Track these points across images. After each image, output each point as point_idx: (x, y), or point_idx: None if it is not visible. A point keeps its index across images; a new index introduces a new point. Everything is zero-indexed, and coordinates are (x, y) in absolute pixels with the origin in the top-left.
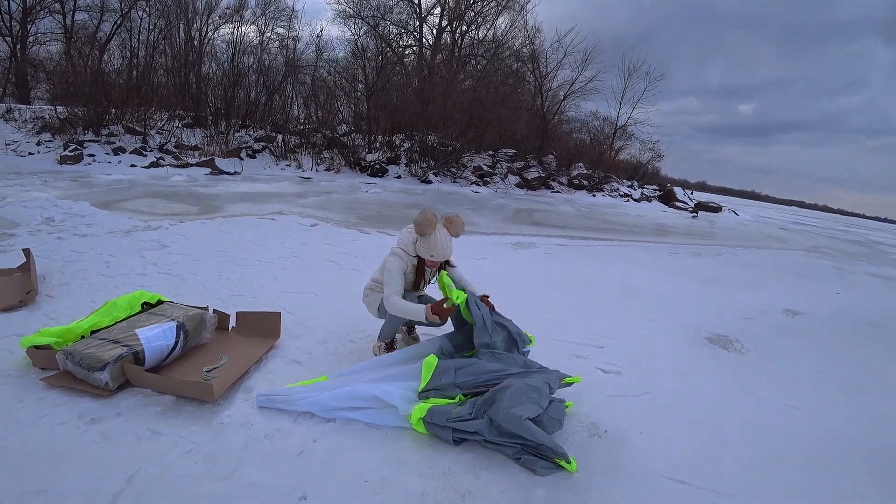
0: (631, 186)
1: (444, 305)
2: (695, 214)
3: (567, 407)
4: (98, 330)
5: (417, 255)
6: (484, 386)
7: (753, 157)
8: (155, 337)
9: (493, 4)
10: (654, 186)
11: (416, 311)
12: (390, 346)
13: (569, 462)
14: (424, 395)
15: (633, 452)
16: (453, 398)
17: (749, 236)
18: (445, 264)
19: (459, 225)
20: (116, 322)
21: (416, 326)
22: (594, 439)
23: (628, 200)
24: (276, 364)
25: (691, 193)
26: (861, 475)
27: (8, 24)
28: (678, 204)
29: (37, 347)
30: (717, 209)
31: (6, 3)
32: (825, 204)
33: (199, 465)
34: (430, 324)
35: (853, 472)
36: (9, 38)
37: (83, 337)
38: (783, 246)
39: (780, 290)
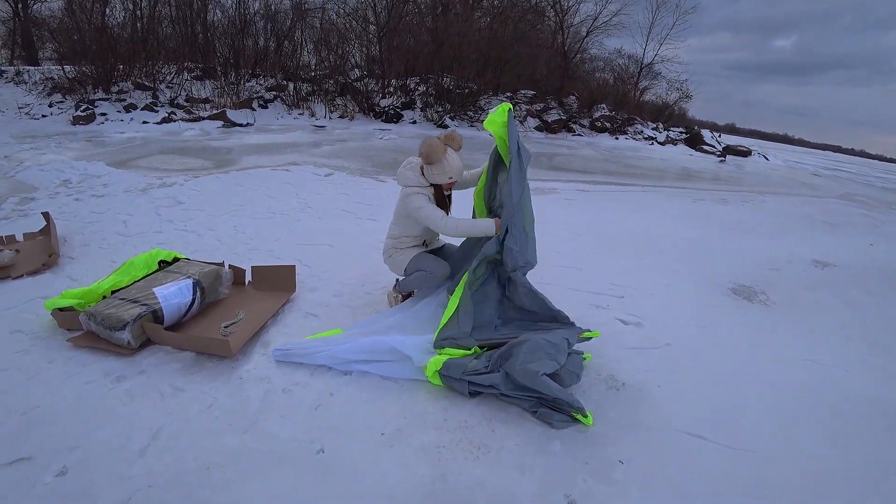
0: (656, 129)
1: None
2: (722, 159)
3: (585, 359)
4: (118, 290)
5: (432, 185)
6: (501, 339)
7: (788, 98)
8: (172, 294)
9: None
10: (681, 129)
11: (487, 224)
12: (407, 297)
13: (585, 416)
14: (440, 343)
15: (651, 406)
16: (469, 349)
17: (779, 182)
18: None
19: (459, 139)
20: (135, 281)
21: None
22: (612, 392)
23: (653, 143)
24: (292, 317)
25: (719, 136)
26: (883, 435)
27: None
28: (705, 147)
29: (60, 310)
30: (746, 153)
31: None
32: (863, 149)
33: (220, 419)
34: (497, 237)
35: (874, 432)
36: None
37: (104, 297)
38: (814, 193)
39: (810, 239)
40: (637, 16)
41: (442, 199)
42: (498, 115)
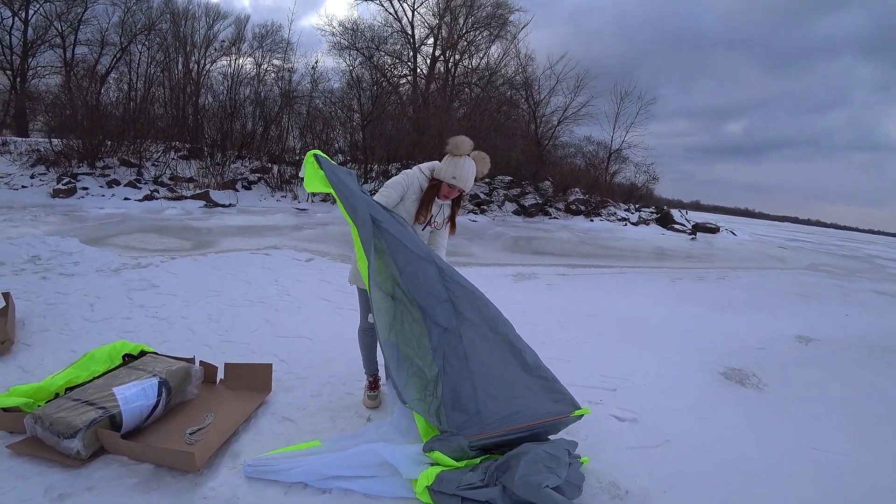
0: (628, 210)
1: None
2: (693, 236)
3: (582, 463)
4: (73, 387)
5: (432, 179)
6: (493, 435)
7: (745, 176)
8: (134, 396)
9: (485, 34)
10: (651, 209)
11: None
12: (374, 384)
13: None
14: (429, 446)
15: None
16: (460, 458)
17: (749, 257)
18: (454, 206)
19: (486, 165)
20: (94, 378)
21: (380, 383)
22: (615, 502)
23: (626, 224)
24: (266, 422)
25: (687, 214)
26: None
27: (9, 58)
28: (676, 226)
29: (4, 409)
30: (714, 230)
31: (8, 37)
32: (818, 219)
33: None
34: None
35: None
36: (9, 72)
37: (57, 395)
38: (784, 266)
39: (789, 313)
40: (603, 106)
41: (428, 199)
42: (309, 170)
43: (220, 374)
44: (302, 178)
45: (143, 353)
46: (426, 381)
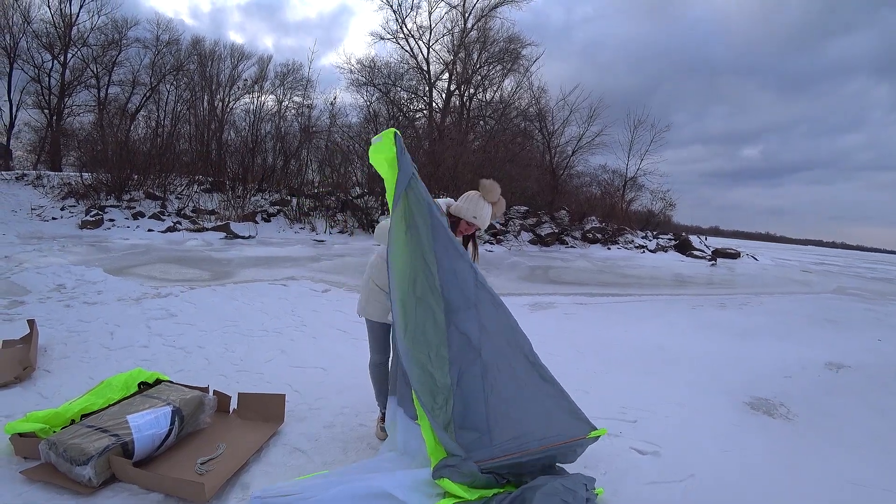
0: (645, 237)
1: None
2: (713, 262)
3: (597, 494)
4: (89, 414)
5: (449, 216)
6: (502, 457)
7: (765, 200)
8: (147, 425)
9: (498, 68)
10: (669, 235)
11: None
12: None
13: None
14: (438, 474)
15: None
16: (472, 484)
17: (772, 282)
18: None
19: (502, 207)
20: (109, 405)
21: None
22: None
23: (644, 252)
24: (277, 454)
25: (706, 240)
26: None
27: (47, 98)
28: (695, 252)
29: (21, 434)
30: (735, 255)
31: (47, 79)
32: (843, 241)
33: None
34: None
35: None
36: (47, 111)
37: (72, 422)
38: (809, 290)
39: (816, 339)
40: (617, 135)
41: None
42: (385, 143)
43: (234, 404)
44: (363, 153)
45: (158, 382)
46: (437, 389)
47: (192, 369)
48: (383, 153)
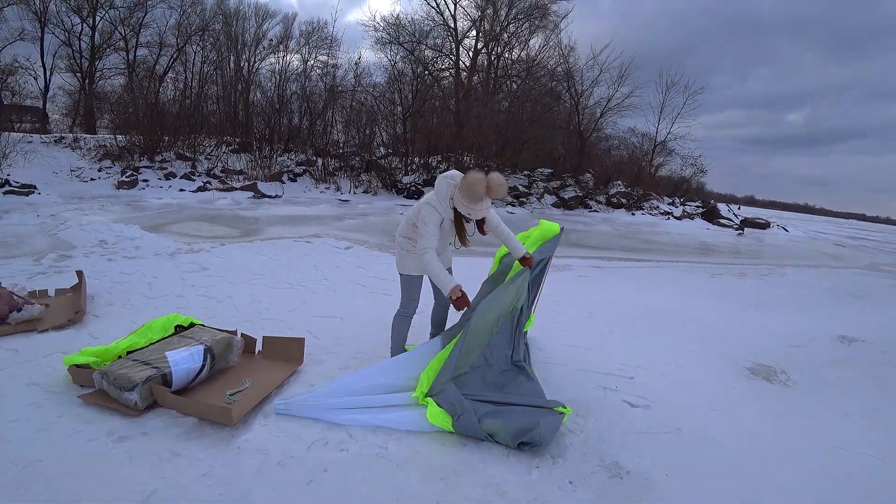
0: (672, 204)
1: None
2: (741, 232)
3: (565, 413)
4: (133, 350)
5: (454, 208)
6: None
7: (806, 169)
8: (183, 360)
9: (526, 25)
10: (697, 203)
11: (446, 281)
12: None
13: (564, 407)
14: (430, 393)
15: (658, 498)
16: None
17: (800, 254)
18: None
19: (501, 193)
20: (150, 343)
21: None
22: (615, 482)
23: (669, 218)
24: (296, 389)
25: (738, 209)
26: None
27: (78, 62)
28: (722, 221)
29: (77, 366)
30: (764, 225)
31: (77, 42)
32: (888, 216)
33: (213, 488)
34: (447, 301)
35: None
36: (79, 74)
37: (119, 357)
38: (839, 264)
39: (835, 313)
40: (648, 97)
41: (460, 222)
42: (552, 228)
43: (259, 346)
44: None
45: (192, 325)
46: (466, 361)
47: (223, 316)
48: (550, 230)
